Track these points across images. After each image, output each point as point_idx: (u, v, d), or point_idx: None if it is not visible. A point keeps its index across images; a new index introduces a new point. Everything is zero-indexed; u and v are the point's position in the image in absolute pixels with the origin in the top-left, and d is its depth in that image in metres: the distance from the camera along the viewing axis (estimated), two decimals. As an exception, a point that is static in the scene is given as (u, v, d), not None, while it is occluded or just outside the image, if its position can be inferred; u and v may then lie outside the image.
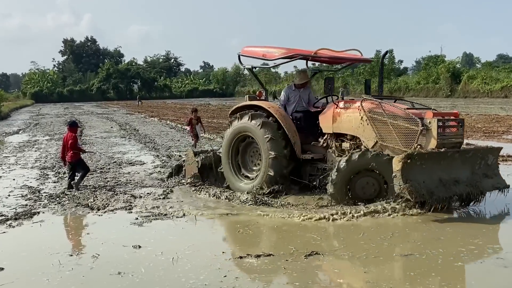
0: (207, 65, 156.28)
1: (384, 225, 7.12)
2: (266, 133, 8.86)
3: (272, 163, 8.80)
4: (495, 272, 5.49)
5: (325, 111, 9.07)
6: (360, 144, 8.51)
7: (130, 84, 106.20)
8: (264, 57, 9.52)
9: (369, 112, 8.19)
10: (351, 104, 8.71)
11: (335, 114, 8.76)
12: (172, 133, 22.52)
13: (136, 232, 7.19)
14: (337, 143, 8.84)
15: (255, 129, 9.06)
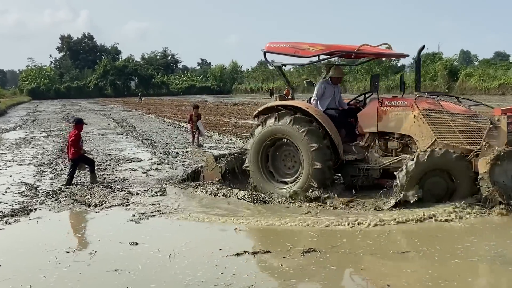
0: (204, 62, 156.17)
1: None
2: (312, 141, 8.29)
3: (316, 174, 8.30)
4: (491, 269, 5.51)
5: (366, 109, 8.77)
6: (409, 143, 8.33)
7: (127, 81, 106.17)
8: (296, 53, 8.84)
9: (425, 110, 7.99)
10: (399, 102, 8.45)
11: (380, 113, 8.45)
12: (169, 130, 22.49)
13: (133, 229, 7.19)
14: (380, 142, 8.56)
15: (297, 135, 8.42)
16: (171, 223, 7.42)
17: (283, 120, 8.63)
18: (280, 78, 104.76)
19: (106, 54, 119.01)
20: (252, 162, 9.01)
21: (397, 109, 8.38)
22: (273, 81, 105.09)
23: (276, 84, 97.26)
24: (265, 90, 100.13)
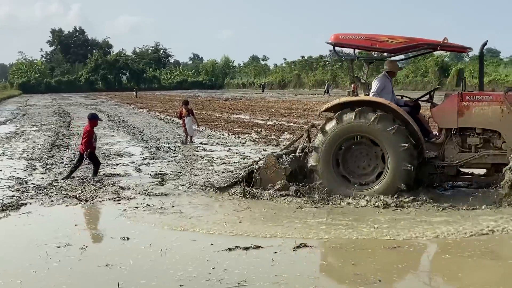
0: (196, 57, 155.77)
1: (372, 217, 7.14)
2: (401, 141, 7.84)
3: (404, 175, 7.87)
4: (482, 265, 5.54)
5: (443, 104, 8.49)
6: (492, 138, 8.13)
7: (119, 75, 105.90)
8: (373, 46, 8.45)
9: None
10: (484, 97, 8.23)
11: (461, 108, 8.16)
12: (161, 125, 22.44)
13: (125, 224, 7.17)
14: (458, 138, 8.28)
15: (383, 134, 7.90)
16: (163, 218, 7.38)
17: (366, 117, 7.99)
18: (271, 73, 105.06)
19: (97, 48, 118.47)
20: (322, 161, 8.25)
21: (482, 104, 8.11)
22: (265, 76, 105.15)
23: (268, 79, 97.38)
24: (257, 85, 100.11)
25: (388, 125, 7.89)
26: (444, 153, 8.29)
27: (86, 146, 10.35)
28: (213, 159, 12.42)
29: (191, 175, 10.42)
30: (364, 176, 8.28)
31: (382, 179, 8.03)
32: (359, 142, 8.36)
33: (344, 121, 8.15)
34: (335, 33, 8.50)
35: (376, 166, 8.21)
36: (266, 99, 48.01)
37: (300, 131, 18.03)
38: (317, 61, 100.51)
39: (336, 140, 8.21)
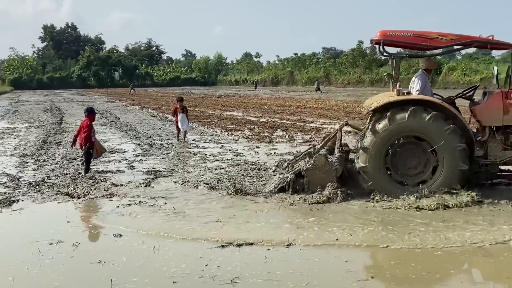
0: (189, 54, 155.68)
1: (365, 214, 7.17)
2: (457, 141, 7.71)
3: (460, 175, 7.78)
4: (474, 261, 5.58)
5: (487, 102, 8.35)
6: None
7: (111, 71, 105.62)
8: (424, 43, 8.28)
9: None
10: None
11: (507, 105, 8.05)
12: (153, 122, 22.39)
13: (117, 221, 7.15)
14: (501, 136, 8.22)
15: (439, 134, 7.71)
16: (155, 215, 7.37)
17: (420, 116, 7.76)
18: (264, 70, 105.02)
19: (89, 45, 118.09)
20: (372, 162, 7.96)
21: None
22: (258, 73, 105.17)
23: (261, 76, 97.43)
24: (250, 82, 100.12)
25: (443, 125, 7.75)
26: (488, 151, 8.24)
27: (86, 140, 10.36)
28: (206, 156, 12.41)
29: (184, 172, 10.42)
30: (418, 175, 8.08)
31: (435, 180, 7.87)
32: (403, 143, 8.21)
33: (397, 121, 7.86)
34: (382, 30, 8.34)
35: (427, 161, 8.03)
36: (259, 96, 48.01)
37: (293, 128, 18.09)
38: (310, 58, 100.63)
39: (387, 141, 7.97)
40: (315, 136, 15.70)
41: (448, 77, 64.42)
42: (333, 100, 37.62)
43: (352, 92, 59.97)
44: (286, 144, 14.40)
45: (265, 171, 10.35)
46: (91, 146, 10.44)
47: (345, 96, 48.13)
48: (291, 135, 16.18)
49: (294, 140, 15.10)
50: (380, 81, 75.10)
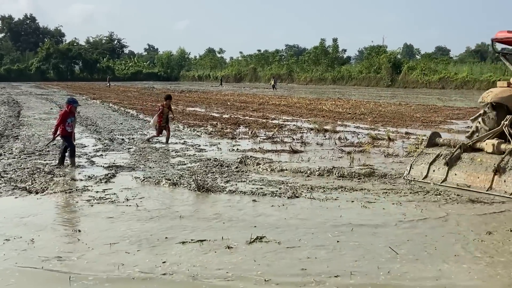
0: (151, 48, 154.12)
1: (324, 206, 7.25)
2: None
3: None
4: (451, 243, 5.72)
5: None
6: None
7: (71, 64, 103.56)
8: None
9: None
10: None
11: None
12: (114, 116, 22.08)
13: (76, 216, 7.04)
14: None
15: None
16: (115, 211, 7.27)
17: None
18: (227, 66, 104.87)
19: (49, 37, 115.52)
20: None
21: None
22: (221, 69, 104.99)
23: (224, 72, 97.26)
24: (213, 78, 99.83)
25: None
26: None
27: (55, 129, 10.55)
28: (168, 152, 12.33)
29: (146, 168, 10.32)
30: None
31: None
32: None
33: None
34: (501, 31, 8.76)
35: None
36: (222, 92, 47.92)
37: (256, 124, 18.11)
38: (273, 55, 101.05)
39: None
40: (278, 133, 15.77)
41: (408, 76, 65.64)
42: (296, 98, 37.86)
43: (315, 89, 60.51)
44: (249, 141, 14.43)
45: (228, 167, 10.35)
46: (63, 135, 10.43)
47: (308, 93, 48.53)
48: (253, 131, 16.22)
49: (257, 137, 15.14)
50: (342, 78, 76.03)
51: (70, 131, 10.50)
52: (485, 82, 56.50)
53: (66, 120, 10.49)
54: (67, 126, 10.47)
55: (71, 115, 10.63)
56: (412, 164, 9.43)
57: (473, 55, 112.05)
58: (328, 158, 11.55)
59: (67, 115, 10.53)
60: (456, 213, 7.20)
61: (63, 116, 10.51)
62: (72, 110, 10.69)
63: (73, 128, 10.69)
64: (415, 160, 9.48)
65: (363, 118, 21.11)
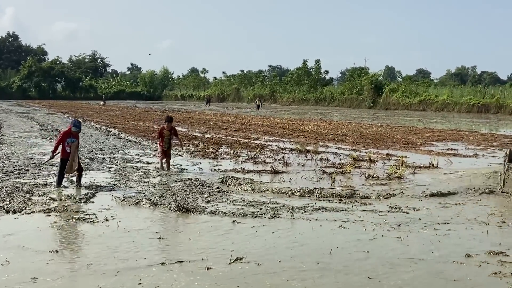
0: (135, 67, 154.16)
1: (305, 227, 7.25)
2: None
3: None
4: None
5: None
6: None
7: (53, 83, 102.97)
8: None
9: None
10: None
11: None
12: (96, 135, 21.93)
13: (54, 236, 6.95)
14: None
15: None
16: (94, 231, 7.19)
17: None
18: (210, 86, 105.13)
19: (31, 55, 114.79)
20: None
21: None
22: (204, 89, 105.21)
23: (207, 92, 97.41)
24: (196, 98, 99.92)
25: None
26: None
27: (55, 147, 10.55)
28: (149, 171, 12.26)
29: (126, 187, 10.25)
30: None
31: None
32: None
33: None
34: None
35: None
36: (204, 112, 47.94)
37: (238, 145, 18.13)
38: (256, 76, 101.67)
39: None
40: (260, 153, 15.79)
41: (389, 98, 66.32)
42: (278, 118, 38.01)
43: (297, 110, 60.83)
44: (231, 161, 14.42)
45: (209, 187, 10.32)
46: (62, 157, 10.30)
47: (290, 114, 48.75)
48: (235, 151, 16.22)
49: (239, 157, 15.14)
50: (324, 99, 76.59)
51: (68, 151, 10.35)
52: (465, 105, 57.39)
53: (65, 140, 10.39)
54: (67, 146, 10.37)
55: (73, 136, 10.46)
56: (505, 178, 10.13)
57: (453, 78, 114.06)
58: (310, 178, 11.57)
59: (67, 135, 10.42)
60: None
61: (63, 135, 10.44)
62: (73, 133, 10.47)
63: (74, 150, 10.41)
64: (507, 174, 10.19)
65: (344, 139, 21.24)
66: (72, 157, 10.28)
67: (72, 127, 10.45)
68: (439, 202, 9.35)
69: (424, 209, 8.78)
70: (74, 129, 10.44)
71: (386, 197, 9.65)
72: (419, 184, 11.11)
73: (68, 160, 10.25)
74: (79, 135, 10.69)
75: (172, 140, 12.83)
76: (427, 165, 13.71)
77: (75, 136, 10.46)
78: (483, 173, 12.12)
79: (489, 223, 7.92)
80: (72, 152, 10.31)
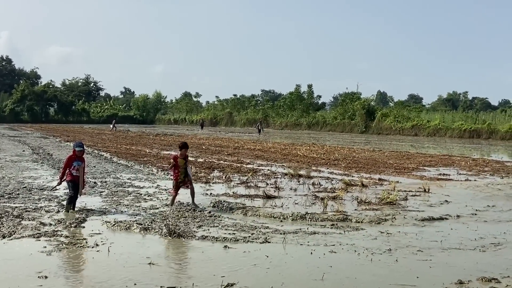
0: (128, 91, 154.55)
1: (296, 252, 7.22)
2: None
3: None
4: None
5: None
6: None
7: (46, 106, 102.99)
8: None
9: None
10: None
11: None
12: (88, 159, 21.81)
13: (44, 261, 6.87)
14: None
15: None
16: (85, 256, 7.14)
17: None
18: (203, 110, 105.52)
19: (24, 79, 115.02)
20: None
21: None
22: (197, 113, 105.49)
23: (200, 116, 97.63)
24: (189, 122, 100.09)
25: None
26: None
27: (62, 173, 10.52)
28: (140, 196, 12.21)
29: (117, 212, 10.20)
30: None
31: None
32: None
33: None
34: None
35: None
36: (197, 136, 47.97)
37: (230, 169, 18.11)
38: (249, 100, 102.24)
39: None
40: (252, 177, 15.78)
41: (382, 123, 66.67)
42: (271, 142, 38.08)
43: (290, 134, 60.98)
44: (223, 185, 14.40)
45: (201, 211, 10.29)
46: (68, 180, 10.31)
47: (283, 138, 48.87)
48: (228, 176, 16.20)
49: (231, 181, 15.11)
50: (317, 124, 76.91)
51: (76, 174, 10.36)
52: (457, 130, 57.77)
53: (71, 164, 10.41)
54: (73, 169, 10.37)
55: (79, 159, 10.51)
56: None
57: (445, 103, 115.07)
58: (302, 203, 11.56)
59: (73, 159, 10.47)
60: (427, 260, 7.21)
61: (68, 160, 10.48)
62: (78, 154, 10.55)
63: (81, 173, 10.42)
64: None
65: (337, 164, 21.27)
66: (81, 180, 10.41)
67: (75, 149, 10.57)
68: (431, 227, 9.35)
69: (415, 234, 8.77)
70: (78, 149, 10.55)
71: (378, 222, 9.65)
72: (411, 209, 11.12)
73: (79, 183, 10.35)
74: (84, 157, 10.73)
75: (188, 169, 11.37)
76: (419, 190, 13.74)
77: (80, 158, 10.54)
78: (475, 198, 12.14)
79: (483, 248, 7.92)
80: (80, 175, 10.41)
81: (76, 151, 10.56)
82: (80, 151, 10.60)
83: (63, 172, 10.56)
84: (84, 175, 10.60)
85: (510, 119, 58.42)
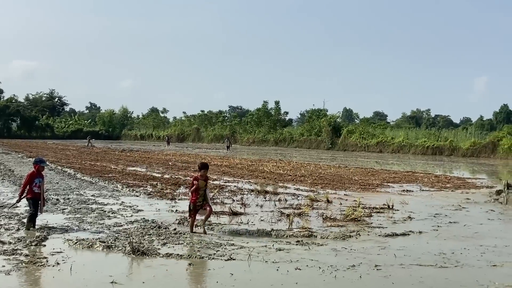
0: (93, 106, 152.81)
1: (261, 269, 7.20)
2: None
3: None
4: None
5: None
6: None
7: (9, 122, 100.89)
8: None
9: None
10: None
11: None
12: (50, 175, 21.43)
13: (2, 281, 6.69)
14: None
15: None
16: (45, 275, 6.98)
17: None
18: (170, 125, 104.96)
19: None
20: None
21: None
22: (164, 128, 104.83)
23: (167, 132, 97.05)
24: (155, 137, 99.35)
25: None
26: None
27: (22, 190, 10.25)
28: (104, 213, 12.04)
29: (80, 229, 10.02)
30: None
31: None
32: None
33: None
34: None
35: None
36: (163, 152, 47.62)
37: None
38: (217, 116, 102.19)
39: None
40: (218, 194, 15.73)
41: (347, 140, 67.40)
42: (238, 158, 38.07)
43: (257, 150, 61.08)
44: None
45: (166, 229, 10.19)
46: (30, 197, 10.12)
47: (250, 154, 48.94)
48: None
49: (197, 198, 15.01)
50: (284, 140, 77.30)
51: (37, 191, 10.17)
52: (420, 147, 58.79)
53: (33, 181, 10.21)
54: (34, 186, 10.17)
55: (39, 175, 10.34)
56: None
57: (408, 120, 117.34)
58: (267, 220, 11.57)
59: (34, 176, 10.28)
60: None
61: (30, 177, 10.26)
62: (40, 170, 10.42)
63: (42, 190, 10.31)
64: None
65: (303, 180, 21.39)
66: (42, 197, 10.31)
67: (39, 165, 10.49)
68: (394, 243, 9.46)
69: (378, 250, 8.86)
70: (43, 164, 10.56)
71: (343, 239, 9.72)
72: (375, 225, 11.25)
73: (40, 200, 10.19)
74: (43, 174, 10.57)
75: (207, 192, 10.57)
76: (383, 207, 13.91)
77: (40, 175, 10.41)
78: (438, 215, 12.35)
79: (444, 264, 8.04)
80: (42, 192, 10.28)
81: (43, 165, 10.48)
82: (45, 166, 10.51)
83: (22, 189, 10.33)
84: (44, 192, 10.42)
85: (471, 136, 59.88)
